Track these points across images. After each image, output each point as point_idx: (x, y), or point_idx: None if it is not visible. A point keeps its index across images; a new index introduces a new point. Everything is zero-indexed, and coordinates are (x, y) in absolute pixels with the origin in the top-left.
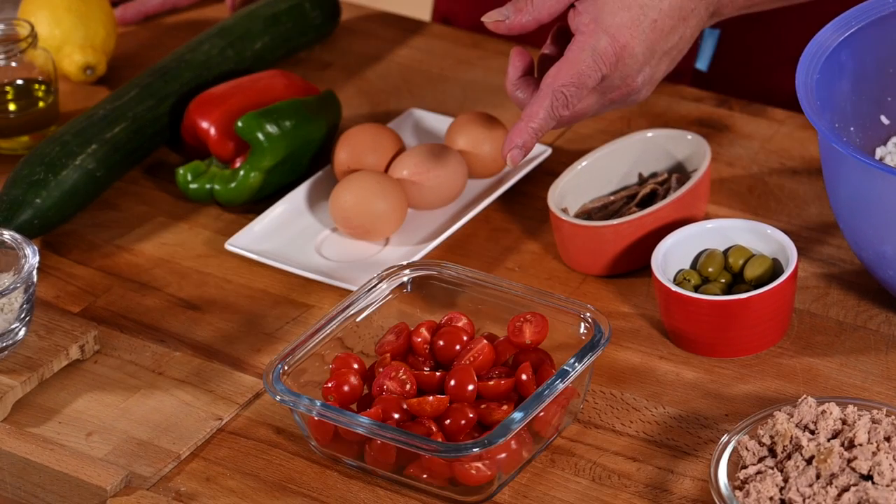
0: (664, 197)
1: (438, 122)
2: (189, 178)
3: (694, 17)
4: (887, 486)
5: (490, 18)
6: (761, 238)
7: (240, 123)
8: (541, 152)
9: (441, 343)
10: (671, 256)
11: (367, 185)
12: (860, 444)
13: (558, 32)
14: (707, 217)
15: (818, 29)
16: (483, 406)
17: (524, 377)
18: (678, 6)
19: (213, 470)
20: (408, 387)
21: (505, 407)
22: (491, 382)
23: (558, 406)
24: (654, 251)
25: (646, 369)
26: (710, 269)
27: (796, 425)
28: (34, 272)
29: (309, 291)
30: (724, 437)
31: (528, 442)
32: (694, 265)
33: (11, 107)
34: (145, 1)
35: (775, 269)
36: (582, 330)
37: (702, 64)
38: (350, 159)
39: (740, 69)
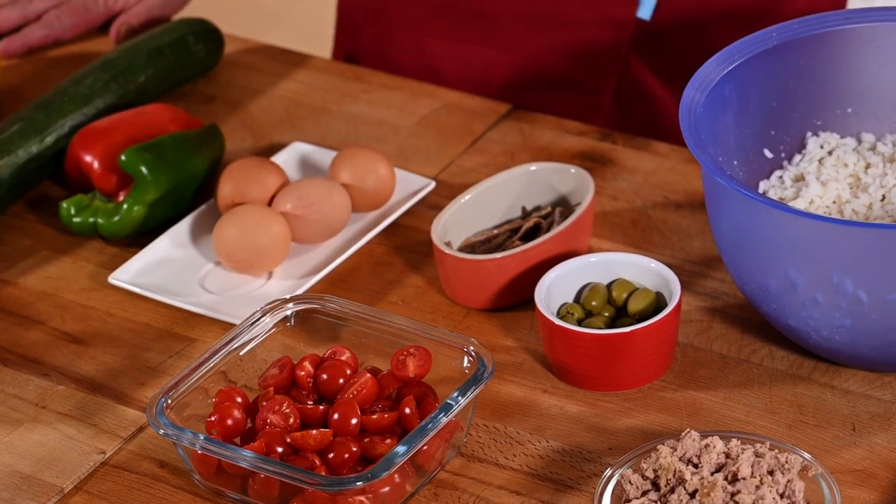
0: (547, 230)
1: (322, 156)
2: (72, 211)
3: None
4: None
5: None
6: (645, 272)
7: (123, 157)
8: (424, 186)
9: (324, 377)
10: (554, 290)
11: (251, 218)
12: (743, 478)
13: None
14: (591, 251)
15: None
16: (366, 440)
17: (407, 411)
18: None
19: None
20: (291, 420)
21: (388, 440)
22: (374, 416)
23: (441, 440)
24: (537, 285)
25: (529, 403)
26: (593, 303)
27: (679, 459)
28: None
29: (192, 325)
30: (608, 471)
31: (412, 475)
32: (577, 299)
33: None
34: (29, 34)
35: (658, 302)
36: (465, 364)
37: (644, 13)
38: (233, 193)
39: (683, 20)
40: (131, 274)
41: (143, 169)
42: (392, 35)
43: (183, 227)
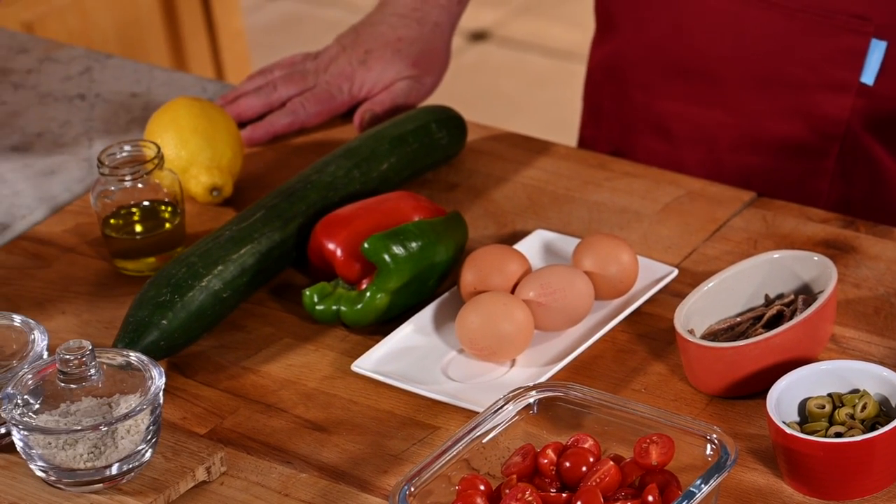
0: (790, 318)
1: (565, 243)
2: (315, 299)
3: None
4: None
5: None
6: (875, 379)
7: (366, 245)
8: (667, 273)
9: (567, 464)
10: (785, 397)
11: (494, 306)
12: None
13: None
14: (833, 339)
15: None
16: None
17: (651, 498)
18: None
19: None
20: None
21: None
22: None
23: None
24: (768, 393)
25: (772, 491)
26: (823, 410)
27: None
28: (160, 394)
29: (435, 413)
30: None
31: None
32: (803, 407)
33: (138, 228)
34: (273, 121)
35: (888, 411)
36: (708, 451)
37: (868, 78)
38: (476, 280)
39: None
40: (374, 361)
41: (387, 257)
42: (627, 93)
43: (426, 315)
